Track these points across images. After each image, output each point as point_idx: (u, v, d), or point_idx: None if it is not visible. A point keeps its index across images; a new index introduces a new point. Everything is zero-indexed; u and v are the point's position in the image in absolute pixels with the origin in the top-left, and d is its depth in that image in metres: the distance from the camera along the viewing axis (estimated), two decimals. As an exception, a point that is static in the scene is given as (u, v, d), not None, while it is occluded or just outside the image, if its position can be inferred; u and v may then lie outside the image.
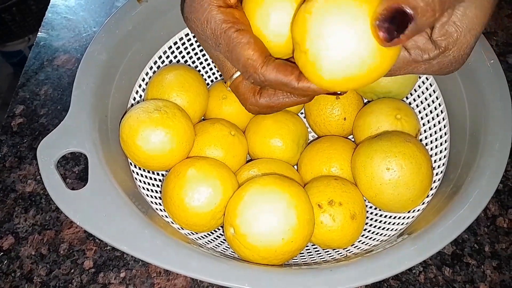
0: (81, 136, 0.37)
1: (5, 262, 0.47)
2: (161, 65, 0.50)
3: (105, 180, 0.35)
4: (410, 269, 0.46)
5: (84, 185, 0.35)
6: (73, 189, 0.35)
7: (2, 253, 0.48)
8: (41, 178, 0.52)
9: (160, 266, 0.31)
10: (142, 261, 0.47)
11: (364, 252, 0.38)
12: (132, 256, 0.47)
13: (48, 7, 0.67)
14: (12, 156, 0.54)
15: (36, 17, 1.25)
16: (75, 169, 0.52)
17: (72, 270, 0.47)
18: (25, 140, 0.55)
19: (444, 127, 0.44)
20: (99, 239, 0.48)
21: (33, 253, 0.48)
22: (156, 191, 0.44)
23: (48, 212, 0.50)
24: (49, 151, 0.36)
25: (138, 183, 0.42)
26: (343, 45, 0.26)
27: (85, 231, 0.49)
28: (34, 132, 0.56)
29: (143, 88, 0.48)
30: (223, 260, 0.32)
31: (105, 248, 0.48)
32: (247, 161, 0.48)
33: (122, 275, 0.46)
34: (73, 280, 0.46)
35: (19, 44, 1.32)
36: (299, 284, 0.30)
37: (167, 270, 0.46)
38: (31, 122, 0.57)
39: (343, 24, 0.26)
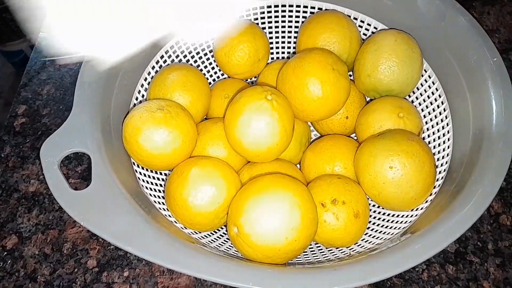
0: (84, 136, 0.37)
1: (9, 261, 0.47)
2: (163, 65, 0.50)
3: (108, 180, 0.35)
4: (413, 267, 0.46)
5: (87, 185, 0.35)
6: (76, 189, 0.35)
7: (5, 253, 0.48)
8: (44, 178, 0.52)
9: (164, 266, 0.31)
10: (145, 260, 0.47)
11: (368, 250, 0.38)
12: (135, 256, 0.47)
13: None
14: (15, 156, 0.54)
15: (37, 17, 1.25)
16: (78, 169, 0.52)
17: (76, 270, 0.47)
18: (28, 140, 0.55)
19: (447, 125, 0.44)
20: (103, 239, 0.48)
21: (36, 252, 0.48)
22: (159, 191, 0.44)
23: (51, 211, 0.50)
24: (53, 152, 0.36)
25: (141, 183, 0.42)
26: None
27: (88, 231, 0.49)
28: (36, 132, 0.56)
29: (145, 88, 0.48)
30: (227, 260, 0.32)
31: (109, 248, 0.48)
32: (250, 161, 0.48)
33: (125, 274, 0.46)
34: (77, 280, 0.46)
35: (20, 44, 1.32)
36: (303, 283, 0.30)
37: (171, 269, 0.46)
38: (34, 122, 0.57)
39: None
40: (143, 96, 0.48)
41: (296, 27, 0.54)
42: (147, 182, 0.43)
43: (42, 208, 0.51)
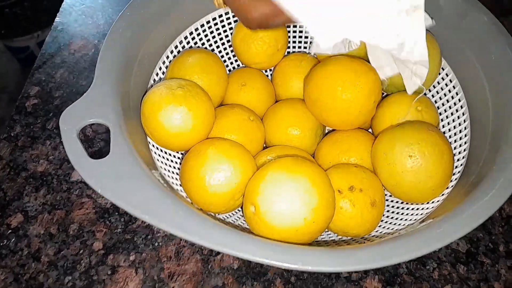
0: (104, 107, 0.37)
1: (13, 240, 0.46)
2: (181, 50, 0.50)
3: (127, 150, 0.35)
4: (423, 265, 0.46)
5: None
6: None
7: (10, 231, 0.47)
8: (53, 158, 0.52)
9: (182, 237, 0.31)
10: (152, 244, 0.46)
11: (385, 235, 0.37)
12: (142, 239, 0.46)
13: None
14: (25, 135, 0.54)
15: (47, 14, 1.25)
16: (88, 151, 0.52)
17: (81, 251, 0.46)
18: (39, 121, 0.55)
19: (464, 121, 0.44)
20: (110, 221, 0.48)
21: (42, 232, 0.47)
22: (174, 172, 0.44)
23: (59, 192, 0.49)
24: (72, 120, 0.36)
25: (157, 162, 0.42)
26: None
27: (96, 212, 0.48)
28: (48, 114, 0.55)
29: (163, 72, 0.48)
30: (245, 234, 0.32)
31: (116, 231, 0.47)
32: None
33: (131, 258, 0.45)
34: (82, 261, 0.45)
35: (27, 40, 1.32)
36: (323, 261, 0.30)
37: (178, 255, 0.45)
38: (46, 103, 0.56)
39: None
40: (160, 79, 0.48)
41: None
42: (162, 162, 0.43)
43: (50, 188, 0.50)
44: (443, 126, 0.47)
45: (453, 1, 0.45)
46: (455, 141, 0.45)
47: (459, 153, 0.43)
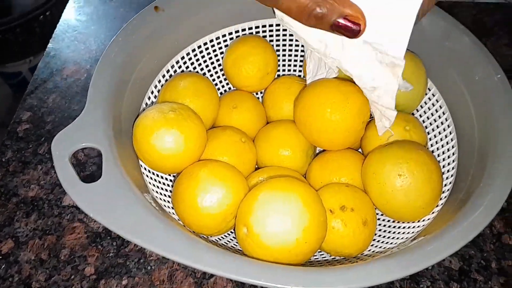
0: (96, 131, 0.37)
1: (3, 266, 0.46)
2: (173, 74, 0.50)
3: (118, 174, 0.35)
4: (417, 283, 0.46)
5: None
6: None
7: (0, 258, 0.46)
8: (45, 182, 0.52)
9: (175, 260, 0.31)
10: (145, 268, 0.46)
11: (377, 254, 0.38)
12: (135, 263, 0.46)
13: (60, 20, 0.69)
14: (16, 160, 0.53)
15: (39, 40, 1.26)
16: (80, 175, 0.52)
17: (73, 276, 0.45)
18: (30, 146, 0.55)
19: (452, 140, 0.45)
20: (102, 245, 0.47)
21: (32, 258, 0.46)
22: (166, 195, 0.44)
23: (50, 217, 0.49)
24: (64, 145, 0.36)
25: (149, 185, 0.42)
26: None
27: (87, 237, 0.48)
28: (39, 138, 0.56)
29: (155, 95, 0.49)
30: (238, 256, 0.32)
31: (108, 255, 0.47)
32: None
33: (124, 282, 0.45)
34: (73, 287, 0.45)
35: (19, 66, 1.32)
36: (316, 282, 0.30)
37: (171, 278, 0.45)
38: (37, 128, 0.56)
39: None
40: (152, 102, 0.48)
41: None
42: (154, 185, 0.43)
43: (41, 213, 0.49)
44: (432, 145, 0.48)
45: (436, 22, 0.46)
46: (443, 159, 0.46)
47: (448, 171, 0.44)
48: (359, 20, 0.30)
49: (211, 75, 0.55)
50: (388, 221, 0.45)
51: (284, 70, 0.58)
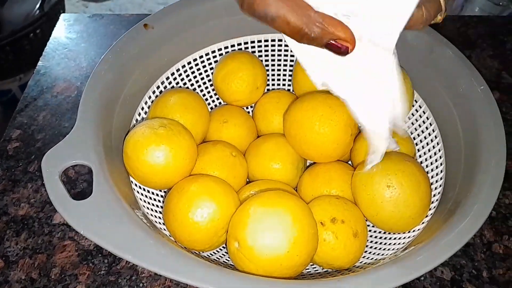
0: (86, 148, 0.37)
1: (-7, 286, 0.45)
2: (163, 90, 0.51)
3: (109, 191, 0.35)
4: (410, 294, 0.46)
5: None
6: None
7: (-10, 278, 0.46)
8: (35, 201, 0.51)
9: (167, 276, 0.31)
10: (137, 285, 0.45)
11: (368, 265, 0.38)
12: (127, 281, 0.46)
13: (50, 38, 0.69)
14: (6, 179, 0.53)
15: (29, 57, 1.26)
16: (71, 193, 0.51)
17: (63, 295, 0.45)
18: (20, 164, 0.55)
19: (439, 151, 0.46)
20: (93, 263, 0.47)
21: (23, 277, 0.46)
22: (157, 211, 0.44)
23: (40, 235, 0.49)
24: (54, 162, 0.36)
25: (140, 202, 0.42)
26: None
27: (78, 255, 0.47)
28: (29, 156, 0.55)
29: (145, 112, 0.49)
30: (230, 271, 0.32)
31: (99, 273, 0.46)
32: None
33: (116, 300, 0.45)
34: (64, 306, 0.44)
35: (9, 83, 1.32)
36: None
37: (163, 295, 0.45)
38: (28, 146, 0.56)
39: None
40: (143, 119, 0.49)
41: (291, 61, 0.57)
42: (145, 201, 0.43)
43: (31, 232, 0.49)
44: (420, 156, 0.49)
45: (420, 36, 0.47)
46: (431, 170, 0.46)
47: (436, 181, 0.45)
48: (347, 43, 0.31)
49: (201, 90, 0.56)
50: (379, 232, 0.45)
51: (273, 85, 0.59)
